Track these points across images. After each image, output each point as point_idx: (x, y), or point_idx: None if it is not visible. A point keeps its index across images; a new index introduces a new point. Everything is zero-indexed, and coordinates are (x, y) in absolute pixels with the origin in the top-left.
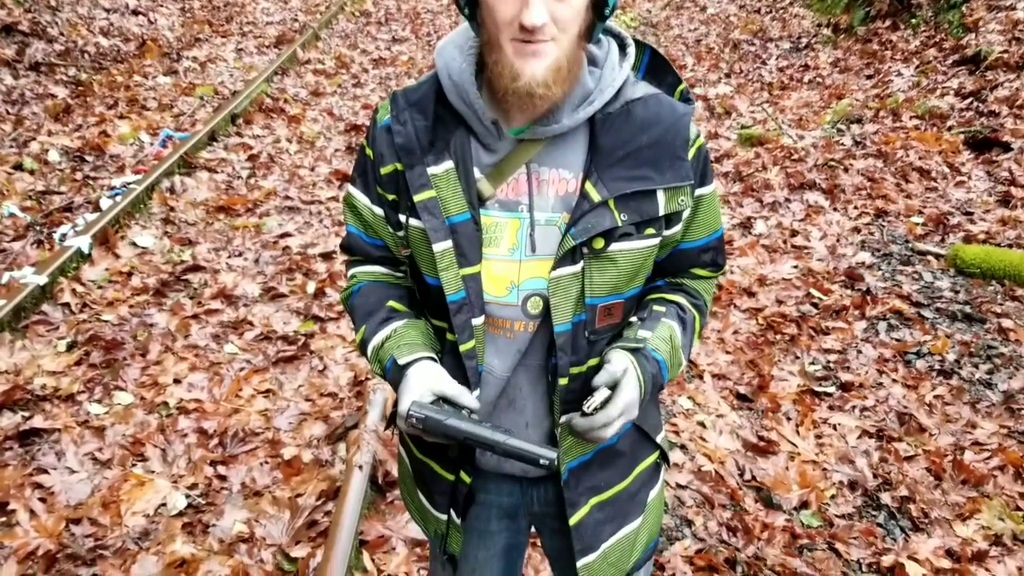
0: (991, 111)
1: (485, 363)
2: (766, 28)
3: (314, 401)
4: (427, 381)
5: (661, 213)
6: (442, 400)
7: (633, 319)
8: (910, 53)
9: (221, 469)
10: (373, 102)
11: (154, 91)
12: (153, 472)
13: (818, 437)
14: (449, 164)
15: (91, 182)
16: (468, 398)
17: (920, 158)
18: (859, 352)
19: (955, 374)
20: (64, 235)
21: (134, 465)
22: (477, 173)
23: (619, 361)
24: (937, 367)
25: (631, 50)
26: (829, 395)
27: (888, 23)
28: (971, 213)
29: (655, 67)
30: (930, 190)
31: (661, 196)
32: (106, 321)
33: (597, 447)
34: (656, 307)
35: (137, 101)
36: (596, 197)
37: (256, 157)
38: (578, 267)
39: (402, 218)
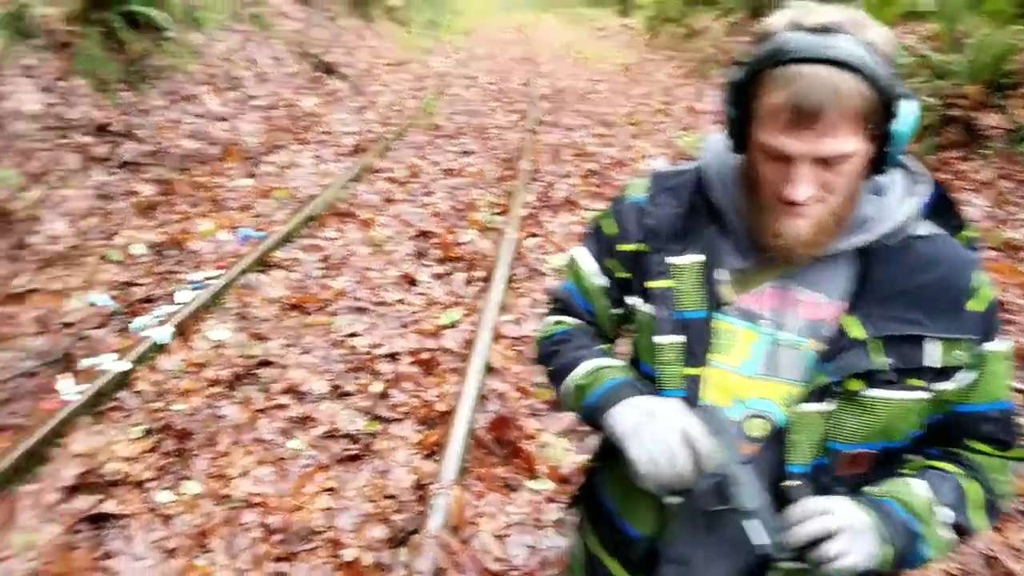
0: None
1: None
2: None
3: (376, 502)
4: (685, 418)
5: (926, 363)
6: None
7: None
8: (981, 183)
9: (283, 566)
10: (441, 210)
11: (234, 192)
12: (216, 564)
13: None
14: (694, 257)
15: (171, 276)
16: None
17: (1002, 291)
18: None
19: None
20: (143, 325)
21: (198, 556)
22: (723, 275)
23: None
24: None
25: (923, 187)
26: None
27: (959, 153)
28: None
29: (941, 207)
30: (1009, 323)
31: (930, 346)
32: (179, 411)
33: None
34: (903, 470)
35: (218, 201)
36: (859, 334)
37: (328, 258)
38: (827, 407)
39: (628, 300)
